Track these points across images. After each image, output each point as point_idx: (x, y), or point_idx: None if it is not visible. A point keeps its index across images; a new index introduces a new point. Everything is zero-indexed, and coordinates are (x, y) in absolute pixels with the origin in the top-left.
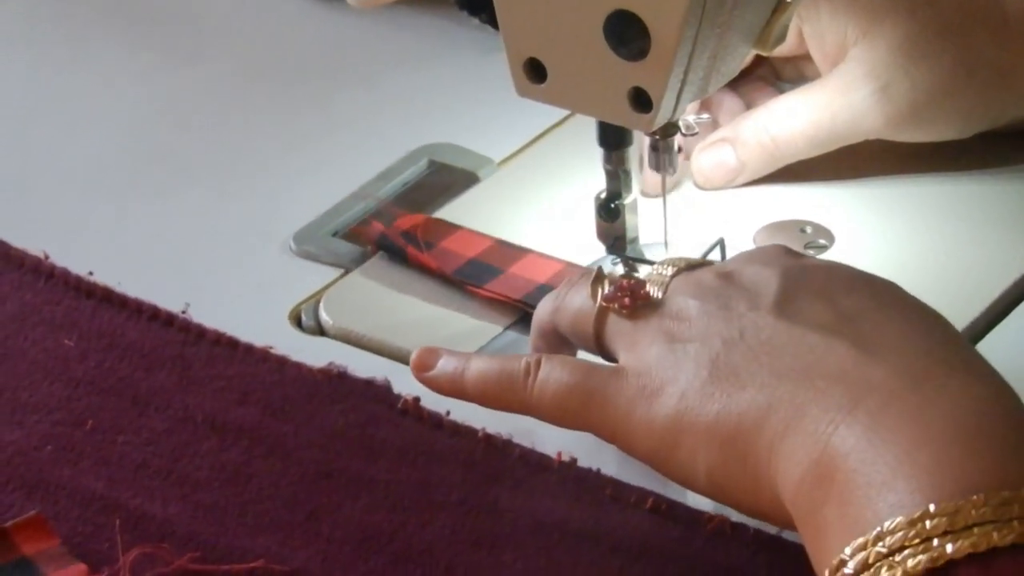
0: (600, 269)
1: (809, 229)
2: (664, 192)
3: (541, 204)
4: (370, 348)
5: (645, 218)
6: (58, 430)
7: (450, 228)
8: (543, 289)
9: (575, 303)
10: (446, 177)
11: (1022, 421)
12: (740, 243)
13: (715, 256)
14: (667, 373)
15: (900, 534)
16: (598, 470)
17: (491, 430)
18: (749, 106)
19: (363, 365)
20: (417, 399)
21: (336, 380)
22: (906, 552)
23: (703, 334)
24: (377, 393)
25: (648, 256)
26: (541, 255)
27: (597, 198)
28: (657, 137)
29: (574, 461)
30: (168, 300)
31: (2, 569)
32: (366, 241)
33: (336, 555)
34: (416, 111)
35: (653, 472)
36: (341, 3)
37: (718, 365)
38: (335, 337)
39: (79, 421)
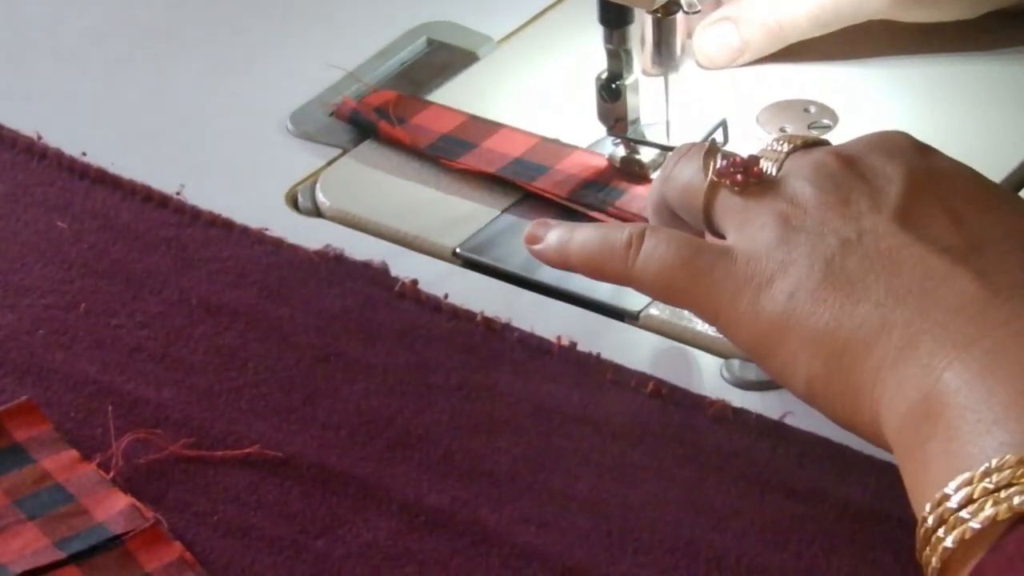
0: (714, 141)
1: (813, 109)
2: (667, 71)
3: (541, 84)
4: (367, 230)
5: (646, 98)
6: (51, 313)
7: (422, 104)
8: (518, 163)
9: (685, 175)
10: (445, 56)
11: None
12: (743, 123)
13: (717, 137)
14: (778, 264)
15: (1008, 471)
16: (598, 354)
17: (490, 313)
18: None
19: (360, 247)
20: (415, 282)
21: (333, 262)
22: (1013, 489)
23: (819, 227)
24: (375, 276)
25: (649, 138)
26: (515, 129)
27: (598, 78)
28: (659, 15)
29: (574, 345)
30: (163, 181)
31: None
32: (339, 117)
33: (332, 440)
34: None
35: (654, 356)
36: None
37: (833, 268)
38: (332, 219)
39: (72, 304)
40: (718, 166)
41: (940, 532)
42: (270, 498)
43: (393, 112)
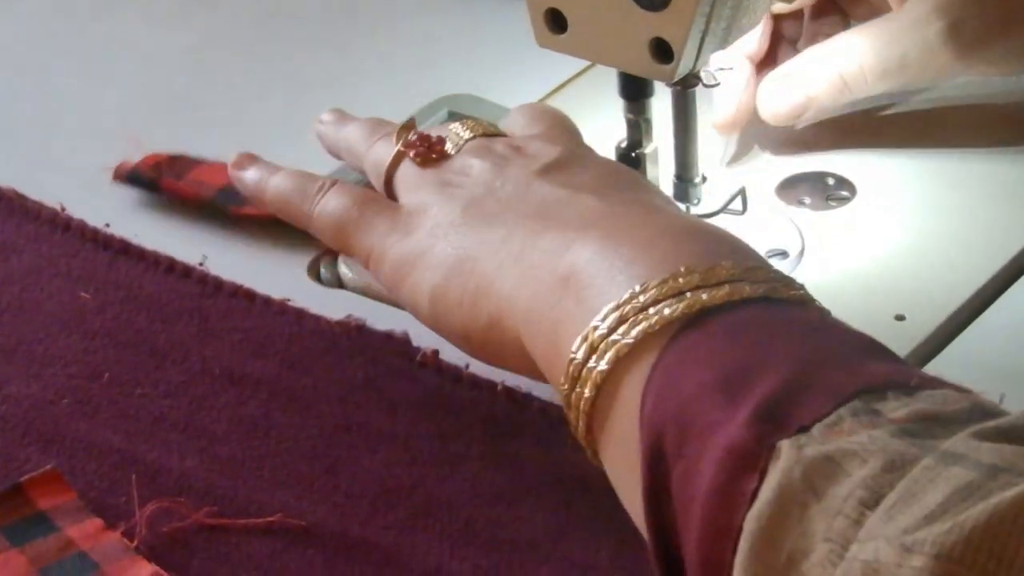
0: (413, 119)
1: (832, 181)
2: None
3: None
4: (388, 301)
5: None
6: (75, 383)
7: (194, 162)
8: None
9: (380, 153)
10: None
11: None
12: (763, 192)
13: (736, 205)
14: (431, 214)
15: (653, 291)
16: None
17: (510, 383)
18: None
19: (382, 318)
20: (436, 352)
21: (354, 333)
22: (663, 304)
23: (472, 185)
24: (396, 346)
25: None
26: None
27: (618, 147)
28: (678, 88)
29: None
30: (185, 252)
31: (18, 524)
32: (117, 178)
33: (354, 509)
34: (436, 61)
35: None
36: None
37: (471, 208)
38: (354, 290)
39: (96, 374)
40: (409, 140)
41: (577, 389)
42: (292, 566)
43: (168, 170)
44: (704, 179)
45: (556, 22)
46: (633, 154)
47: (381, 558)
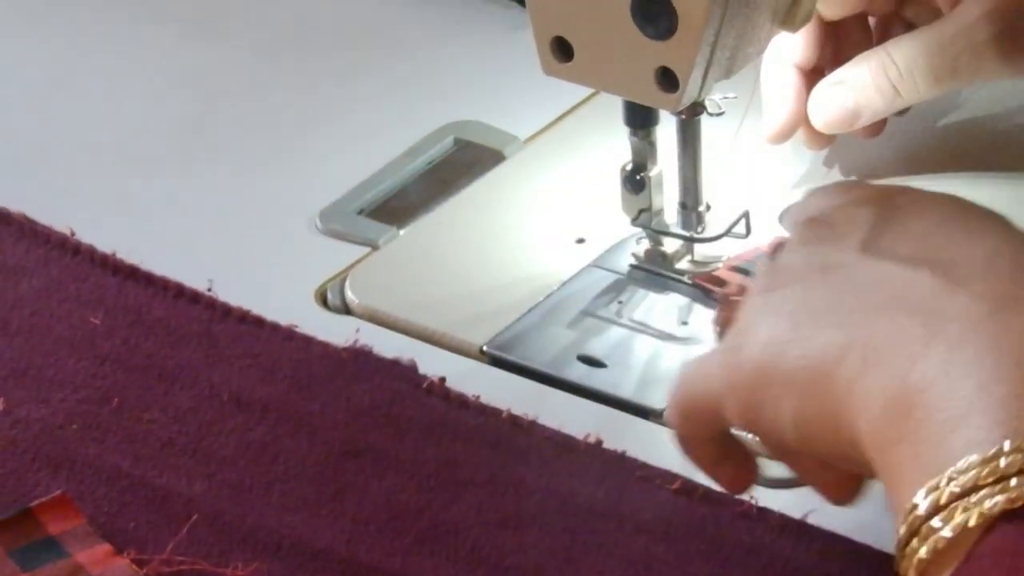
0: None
1: None
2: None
3: (566, 182)
4: (396, 327)
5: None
6: (84, 407)
7: None
8: None
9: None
10: (472, 155)
11: None
12: (766, 218)
13: (740, 229)
14: (753, 324)
15: (973, 473)
16: (623, 452)
17: (516, 410)
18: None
19: (389, 344)
20: (443, 379)
21: (362, 358)
22: (982, 492)
23: (788, 281)
24: (403, 372)
25: (673, 229)
26: None
27: (623, 169)
28: (683, 116)
29: (600, 443)
30: (193, 277)
31: (28, 548)
32: None
33: (361, 534)
34: (442, 88)
35: (676, 455)
36: None
37: (799, 309)
38: (361, 316)
39: (105, 398)
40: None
41: (914, 543)
42: None
43: None
44: (708, 207)
45: (562, 50)
46: (638, 176)
47: None
